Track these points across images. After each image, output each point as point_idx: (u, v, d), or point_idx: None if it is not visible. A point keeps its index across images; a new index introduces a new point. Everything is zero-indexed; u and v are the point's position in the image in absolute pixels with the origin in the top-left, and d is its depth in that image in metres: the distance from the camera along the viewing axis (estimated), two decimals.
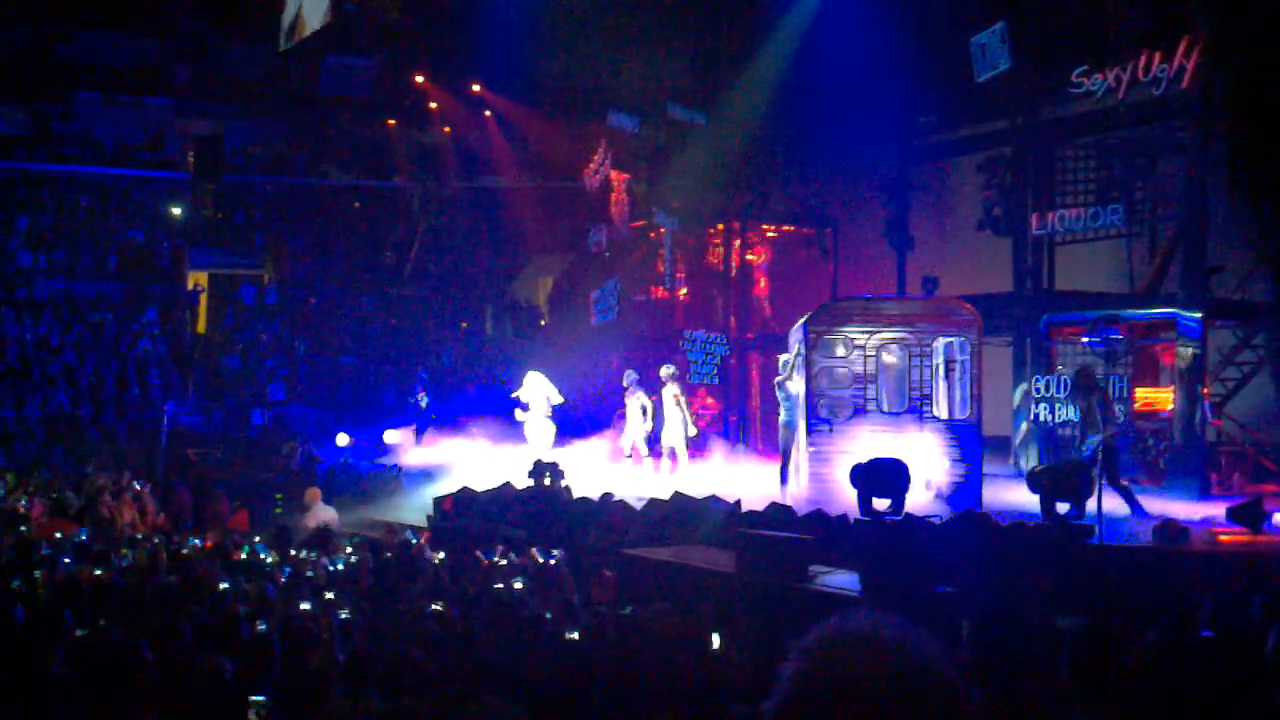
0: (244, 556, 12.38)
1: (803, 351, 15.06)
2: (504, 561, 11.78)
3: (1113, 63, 17.52)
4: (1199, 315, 16.31)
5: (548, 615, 8.35)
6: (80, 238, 32.11)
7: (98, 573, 10.37)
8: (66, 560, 11.49)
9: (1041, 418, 17.46)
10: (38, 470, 20.95)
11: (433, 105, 30.19)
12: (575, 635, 7.71)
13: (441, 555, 12.53)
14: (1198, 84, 16.45)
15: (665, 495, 14.37)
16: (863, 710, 1.62)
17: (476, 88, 27.92)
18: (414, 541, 13.46)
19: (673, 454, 18.51)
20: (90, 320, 29.70)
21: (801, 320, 15.72)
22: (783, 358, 16.05)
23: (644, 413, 18.87)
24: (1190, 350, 16.21)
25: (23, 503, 17.54)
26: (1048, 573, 10.86)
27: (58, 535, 14.40)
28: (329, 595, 9.34)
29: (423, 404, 22.30)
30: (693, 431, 18.83)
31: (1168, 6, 17.24)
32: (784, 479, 15.77)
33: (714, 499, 13.99)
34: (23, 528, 15.35)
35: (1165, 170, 19.15)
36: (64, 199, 32.64)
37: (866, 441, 14.11)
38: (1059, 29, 18.85)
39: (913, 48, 21.33)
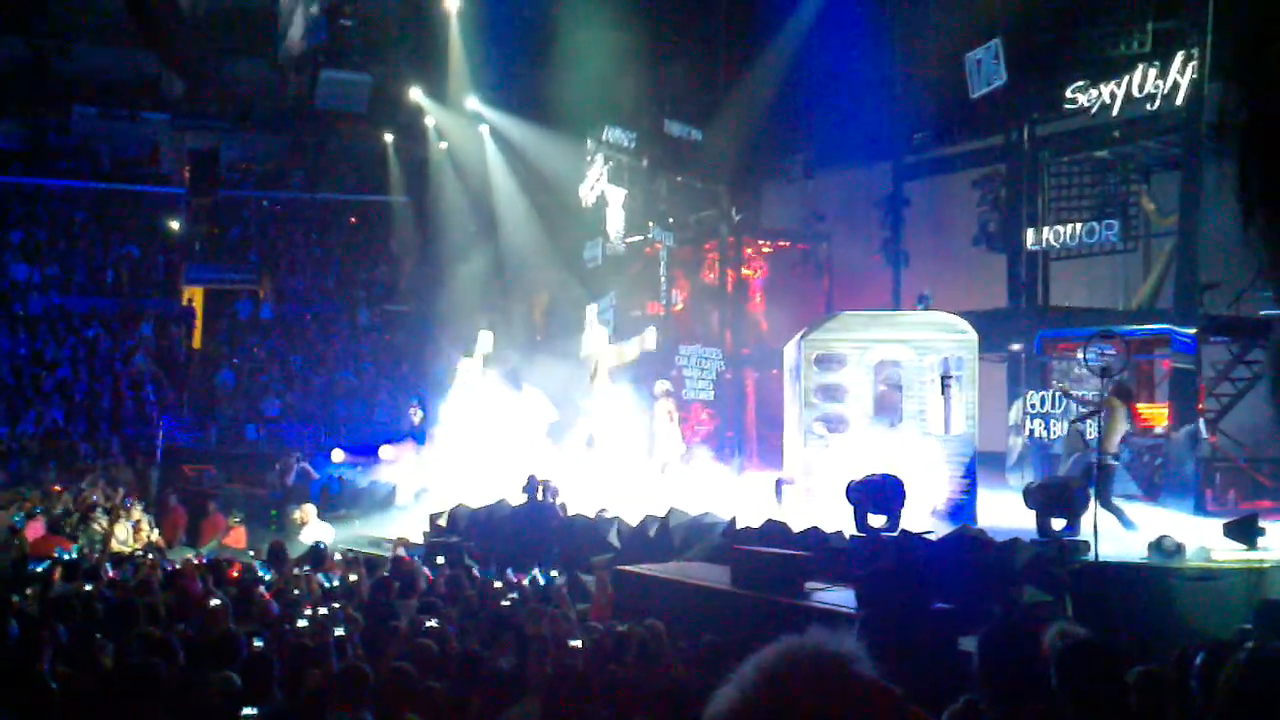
0: (238, 574, 12.36)
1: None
2: (499, 584, 11.76)
3: (1107, 78, 17.58)
4: (1193, 331, 16.33)
5: (545, 631, 8.34)
6: (75, 252, 32.10)
7: (89, 588, 10.34)
8: (59, 577, 11.46)
9: (1036, 434, 17.45)
10: (31, 488, 20.90)
11: (428, 120, 30.22)
12: (572, 651, 7.71)
13: (438, 571, 12.52)
14: (1192, 100, 16.53)
15: (661, 511, 14.35)
16: None
17: (472, 103, 27.95)
18: (410, 558, 13.44)
19: (664, 468, 18.54)
20: (85, 335, 29.67)
21: (797, 336, 15.73)
22: None
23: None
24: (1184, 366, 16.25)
25: (16, 520, 17.50)
26: (1043, 589, 10.86)
27: (55, 552, 14.37)
28: (324, 611, 9.32)
29: (417, 419, 22.27)
30: (681, 448, 18.98)
31: (1163, 22, 17.29)
32: (779, 496, 15.77)
33: (709, 515, 13.98)
34: (16, 540, 15.34)
35: (1160, 186, 19.21)
36: (59, 213, 32.63)
37: (862, 457, 14.11)
38: (1054, 45, 18.90)
39: (907, 64, 21.40)
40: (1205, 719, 4.38)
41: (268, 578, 12.12)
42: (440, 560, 13.69)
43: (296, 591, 11.12)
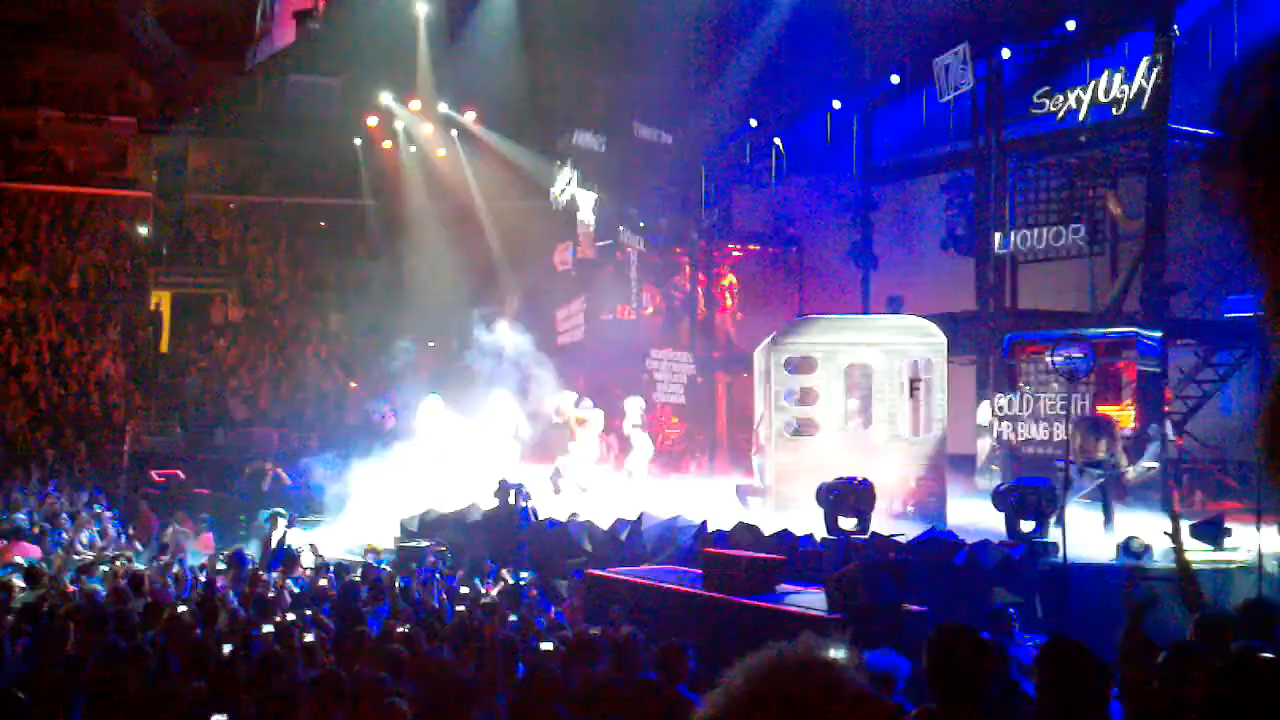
0: (204, 579, 12.27)
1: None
2: (465, 589, 11.72)
3: (1074, 84, 17.73)
4: (1160, 334, 16.47)
5: (516, 636, 8.32)
6: (41, 256, 31.78)
7: (54, 594, 10.26)
8: (22, 583, 11.36)
9: (1005, 436, 17.55)
10: None
11: (398, 124, 30.13)
12: (543, 656, 7.69)
13: (408, 576, 12.46)
14: (1157, 105, 16.68)
15: (632, 515, 14.34)
16: None
17: (442, 107, 27.91)
18: (378, 563, 13.37)
19: (632, 475, 18.55)
20: (51, 340, 29.39)
21: (768, 339, 15.77)
22: None
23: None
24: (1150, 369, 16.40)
25: None
26: (1012, 590, 10.92)
27: (18, 558, 14.22)
28: (292, 617, 9.26)
29: (388, 424, 22.15)
30: (650, 455, 19.06)
31: (1128, 29, 17.45)
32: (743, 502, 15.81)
33: (680, 519, 13.98)
34: None
35: (1127, 190, 19.35)
36: (25, 217, 32.31)
37: (832, 460, 14.15)
38: (1021, 50, 19.04)
39: (876, 68, 21.49)
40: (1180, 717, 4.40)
41: (227, 586, 12.01)
42: (411, 565, 13.63)
43: (271, 595, 11.05)
